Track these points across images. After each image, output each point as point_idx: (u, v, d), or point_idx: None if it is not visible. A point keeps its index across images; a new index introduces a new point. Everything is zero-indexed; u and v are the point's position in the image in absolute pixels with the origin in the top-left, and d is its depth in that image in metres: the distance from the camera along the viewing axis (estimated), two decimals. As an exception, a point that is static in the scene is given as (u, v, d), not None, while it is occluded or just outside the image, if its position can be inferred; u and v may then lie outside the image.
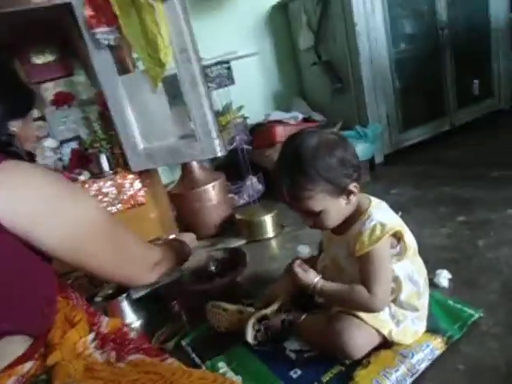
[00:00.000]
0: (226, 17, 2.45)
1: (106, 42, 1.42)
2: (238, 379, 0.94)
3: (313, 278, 0.95)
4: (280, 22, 2.60)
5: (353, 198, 0.91)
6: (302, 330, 1.01)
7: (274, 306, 1.06)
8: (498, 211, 1.51)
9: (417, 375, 0.86)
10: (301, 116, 2.36)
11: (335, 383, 0.87)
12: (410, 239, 0.94)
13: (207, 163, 2.53)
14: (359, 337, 0.90)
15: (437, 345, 0.91)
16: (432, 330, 0.95)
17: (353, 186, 0.89)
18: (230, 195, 2.21)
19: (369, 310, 0.90)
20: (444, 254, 1.32)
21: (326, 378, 0.89)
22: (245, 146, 2.24)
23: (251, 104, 2.44)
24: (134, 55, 1.61)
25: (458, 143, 2.39)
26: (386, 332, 0.91)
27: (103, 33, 1.41)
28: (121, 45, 1.47)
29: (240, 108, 2.29)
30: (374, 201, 0.96)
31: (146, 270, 0.89)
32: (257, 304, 1.14)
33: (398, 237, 0.92)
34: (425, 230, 1.51)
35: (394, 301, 0.94)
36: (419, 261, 1.00)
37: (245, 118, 2.30)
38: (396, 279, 0.93)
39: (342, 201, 0.90)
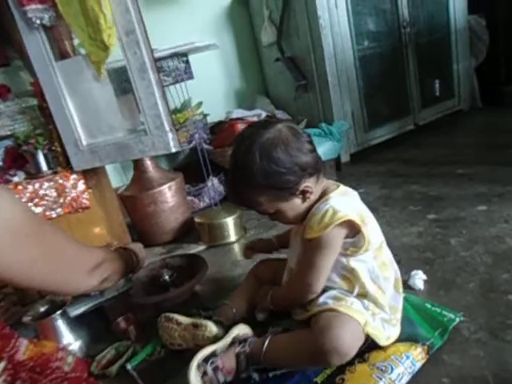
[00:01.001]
0: (183, 9, 2.30)
1: (39, 22, 1.24)
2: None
3: (267, 300, 0.97)
4: (241, 16, 2.49)
5: (310, 196, 0.84)
6: (267, 356, 0.83)
7: (226, 339, 0.87)
8: (467, 208, 1.45)
9: (397, 393, 0.75)
10: (264, 114, 2.25)
11: (305, 408, 0.74)
12: (371, 233, 0.86)
13: (165, 164, 2.37)
14: (346, 330, 0.78)
15: (417, 356, 0.81)
16: (410, 338, 0.85)
17: (304, 186, 0.82)
18: (190, 198, 2.06)
19: (302, 296, 0.88)
20: (416, 253, 1.24)
21: (294, 402, 0.75)
22: (205, 146, 2.10)
23: (212, 101, 2.30)
24: (76, 41, 1.44)
25: (422, 142, 2.38)
26: (362, 322, 0.81)
27: (35, 11, 1.23)
28: (57, 26, 1.29)
29: (199, 104, 2.15)
30: (343, 188, 0.90)
31: (82, 273, 0.77)
32: (215, 317, 0.99)
33: (357, 229, 0.83)
34: (395, 230, 1.43)
35: (365, 295, 0.86)
36: (385, 257, 0.90)
37: (205, 116, 2.16)
38: (352, 271, 0.85)
39: (297, 200, 0.84)
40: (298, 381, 0.80)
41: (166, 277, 1.31)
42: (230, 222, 1.66)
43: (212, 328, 0.92)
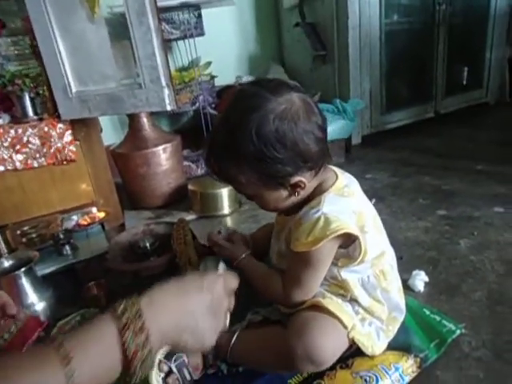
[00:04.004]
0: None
1: None
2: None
3: (241, 251, 0.87)
4: (263, -27, 2.29)
5: (300, 192, 0.70)
6: (233, 352, 0.73)
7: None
8: (482, 208, 1.33)
9: (379, 408, 0.67)
10: (276, 83, 2.09)
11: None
12: (371, 242, 0.71)
13: (166, 125, 2.24)
14: (326, 335, 0.66)
15: (408, 368, 0.71)
16: (402, 347, 0.75)
17: (297, 180, 0.67)
18: (187, 163, 1.95)
19: (281, 303, 0.80)
20: (420, 251, 1.13)
21: (262, 404, 0.67)
22: (209, 110, 1.97)
23: (221, 64, 2.14)
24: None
25: (440, 132, 2.22)
26: (349, 325, 0.69)
27: None
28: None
29: (208, 64, 2.01)
30: (342, 182, 0.73)
31: None
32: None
33: (352, 238, 0.69)
34: (400, 222, 1.32)
35: (358, 303, 0.74)
36: (385, 264, 0.76)
37: (212, 77, 2.02)
38: (342, 282, 0.73)
39: (284, 193, 0.70)
40: (269, 379, 0.71)
41: (147, 244, 1.22)
42: (224, 193, 1.56)
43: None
